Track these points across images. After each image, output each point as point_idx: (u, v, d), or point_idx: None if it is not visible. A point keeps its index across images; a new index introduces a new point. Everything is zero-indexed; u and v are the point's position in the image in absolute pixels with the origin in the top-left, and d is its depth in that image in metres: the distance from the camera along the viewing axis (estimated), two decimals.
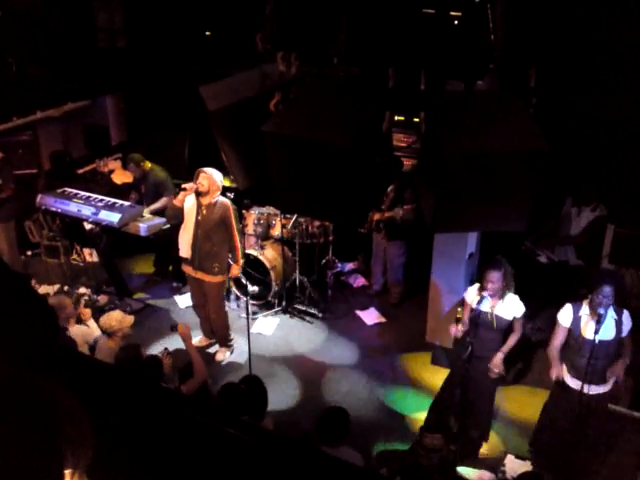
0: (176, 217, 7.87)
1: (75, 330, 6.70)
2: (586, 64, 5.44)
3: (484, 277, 6.08)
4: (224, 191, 7.80)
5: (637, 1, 5.46)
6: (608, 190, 7.72)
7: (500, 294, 6.08)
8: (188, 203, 7.61)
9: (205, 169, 7.44)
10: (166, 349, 6.12)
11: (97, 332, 6.85)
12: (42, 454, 1.27)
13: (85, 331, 6.84)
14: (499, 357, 6.25)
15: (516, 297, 6.16)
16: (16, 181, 9.44)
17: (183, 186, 7.58)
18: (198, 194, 7.48)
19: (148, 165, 9.25)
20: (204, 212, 7.52)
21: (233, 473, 1.97)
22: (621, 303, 5.84)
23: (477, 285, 6.29)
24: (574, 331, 5.91)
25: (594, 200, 7.94)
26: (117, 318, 6.47)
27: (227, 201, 7.62)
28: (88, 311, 7.21)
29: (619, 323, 5.75)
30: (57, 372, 2.02)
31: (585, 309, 5.84)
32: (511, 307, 6.14)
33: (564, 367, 6.12)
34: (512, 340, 6.29)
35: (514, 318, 6.17)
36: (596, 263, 7.93)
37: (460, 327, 6.18)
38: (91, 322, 7.06)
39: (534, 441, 6.58)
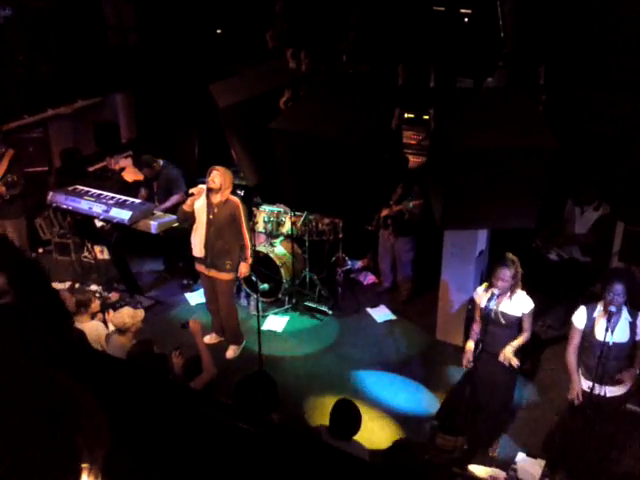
0: (186, 220, 7.88)
1: (92, 326, 6.70)
2: (595, 62, 5.43)
3: (494, 274, 6.06)
4: (234, 188, 7.81)
5: None
6: (617, 188, 7.69)
7: (509, 292, 6.06)
8: (198, 203, 7.62)
9: (217, 166, 7.45)
10: (178, 348, 6.12)
11: (103, 330, 6.84)
12: (59, 449, 1.28)
13: (93, 329, 6.82)
14: (507, 350, 6.17)
15: (524, 293, 6.14)
16: (26, 178, 9.48)
17: (191, 191, 7.59)
18: (209, 192, 7.49)
19: (160, 164, 9.28)
20: (215, 210, 7.54)
21: (243, 466, 1.98)
22: (635, 302, 5.78)
23: (485, 284, 6.30)
24: (587, 332, 5.86)
25: (595, 199, 7.90)
26: (129, 314, 6.46)
27: (236, 199, 7.63)
28: (113, 314, 7.17)
29: (634, 325, 5.69)
30: (71, 365, 2.03)
31: (599, 309, 5.80)
32: (519, 304, 6.12)
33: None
34: (522, 338, 6.27)
35: (522, 314, 6.15)
36: (604, 260, 7.91)
37: (469, 346, 6.36)
38: (111, 325, 7.01)
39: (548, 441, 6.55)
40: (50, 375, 1.36)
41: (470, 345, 6.41)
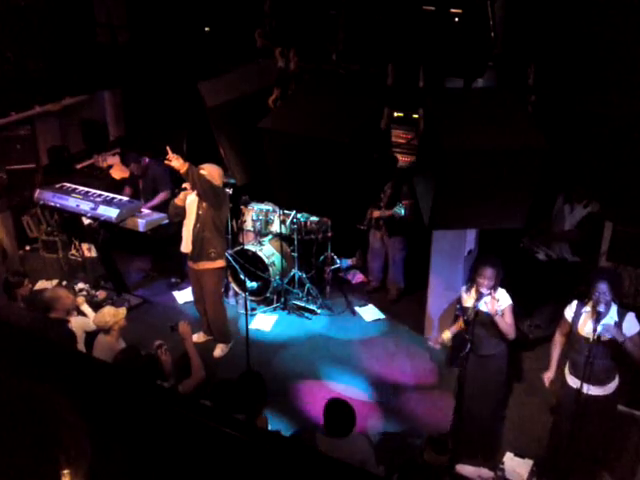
0: (178, 215, 7.88)
1: (73, 322, 6.69)
2: (585, 62, 5.43)
3: (479, 274, 6.08)
4: (223, 186, 7.80)
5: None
6: (605, 187, 7.70)
7: (492, 290, 6.09)
8: (190, 198, 7.64)
9: (203, 167, 7.45)
10: (162, 344, 6.07)
11: (92, 316, 6.88)
12: (37, 461, 1.27)
13: (84, 321, 6.85)
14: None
15: (503, 290, 6.19)
16: (9, 173, 9.44)
17: (184, 186, 7.58)
18: None
19: (146, 161, 9.27)
20: (204, 205, 7.55)
21: (229, 472, 1.97)
22: (621, 301, 5.81)
23: (467, 285, 6.33)
24: (573, 327, 5.91)
25: (586, 197, 7.91)
26: (110, 313, 6.45)
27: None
28: (82, 298, 7.28)
29: (619, 325, 5.71)
30: (55, 374, 2.02)
31: (588, 307, 5.83)
32: (499, 300, 6.14)
33: (566, 365, 6.11)
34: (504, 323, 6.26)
35: (502, 310, 6.15)
36: (593, 260, 7.91)
37: (446, 336, 6.40)
38: (85, 307, 7.12)
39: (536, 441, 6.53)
40: (30, 388, 1.34)
41: (447, 334, 6.47)
